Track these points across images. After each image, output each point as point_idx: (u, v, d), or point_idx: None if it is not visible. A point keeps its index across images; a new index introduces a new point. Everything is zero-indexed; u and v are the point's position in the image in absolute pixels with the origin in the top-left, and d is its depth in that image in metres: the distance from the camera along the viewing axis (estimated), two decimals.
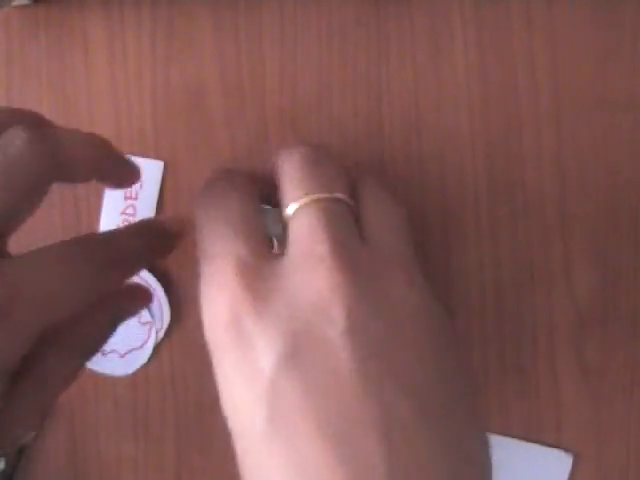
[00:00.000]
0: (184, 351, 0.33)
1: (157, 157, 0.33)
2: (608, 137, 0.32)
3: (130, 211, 0.33)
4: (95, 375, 0.34)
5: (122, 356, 0.33)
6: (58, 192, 0.34)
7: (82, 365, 0.28)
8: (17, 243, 0.26)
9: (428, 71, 0.32)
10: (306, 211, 0.23)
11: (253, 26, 0.33)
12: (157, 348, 0.33)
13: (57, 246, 0.25)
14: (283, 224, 0.24)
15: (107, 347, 0.33)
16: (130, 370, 0.33)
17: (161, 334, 0.33)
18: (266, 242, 0.24)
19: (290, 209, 0.23)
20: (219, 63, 0.33)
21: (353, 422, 0.19)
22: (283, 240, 0.24)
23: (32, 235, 0.26)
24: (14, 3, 0.33)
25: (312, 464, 0.19)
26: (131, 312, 0.30)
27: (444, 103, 0.32)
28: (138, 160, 0.33)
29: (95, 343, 0.28)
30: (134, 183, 0.30)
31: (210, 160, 0.33)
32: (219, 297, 0.22)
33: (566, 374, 0.33)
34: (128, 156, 0.30)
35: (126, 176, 0.29)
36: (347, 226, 0.23)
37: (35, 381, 0.26)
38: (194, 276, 0.33)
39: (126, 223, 0.34)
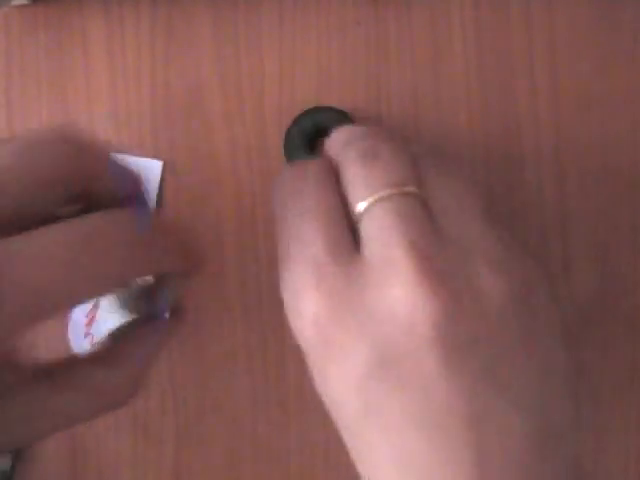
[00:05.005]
0: (184, 351, 0.33)
1: (156, 157, 0.33)
2: (608, 137, 0.32)
3: None
4: None
5: None
6: None
7: None
8: None
9: (428, 71, 0.32)
10: (375, 211, 0.22)
11: (252, 26, 0.33)
12: None
13: (59, 228, 0.20)
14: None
15: None
16: None
17: None
18: (345, 235, 0.22)
19: (360, 207, 0.22)
20: (218, 63, 0.33)
21: (443, 414, 0.20)
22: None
23: None
24: (13, 3, 0.33)
25: (407, 449, 0.20)
26: None
27: (444, 103, 0.32)
28: (138, 160, 0.33)
29: None
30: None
31: (209, 160, 0.33)
32: (301, 306, 0.22)
33: None
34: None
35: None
36: (421, 223, 0.22)
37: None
38: (194, 276, 0.33)
39: None
